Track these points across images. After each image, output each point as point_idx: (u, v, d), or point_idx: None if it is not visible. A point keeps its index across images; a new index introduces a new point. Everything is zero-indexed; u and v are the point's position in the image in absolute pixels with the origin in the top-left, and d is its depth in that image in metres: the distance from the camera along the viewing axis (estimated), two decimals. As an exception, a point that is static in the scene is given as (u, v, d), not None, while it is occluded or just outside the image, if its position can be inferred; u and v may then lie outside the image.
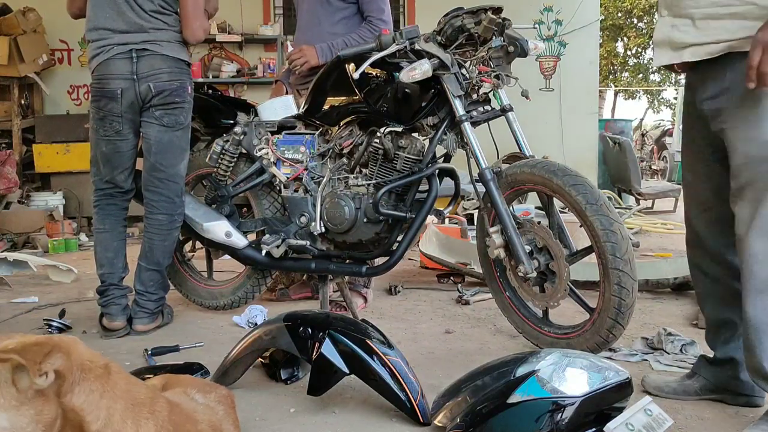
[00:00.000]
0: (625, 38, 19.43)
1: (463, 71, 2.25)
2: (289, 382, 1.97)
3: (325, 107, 2.62)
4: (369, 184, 2.46)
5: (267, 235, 2.65)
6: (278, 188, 2.71)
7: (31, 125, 6.11)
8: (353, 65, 2.34)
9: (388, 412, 1.72)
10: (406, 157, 2.38)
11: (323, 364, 1.71)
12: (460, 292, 3.08)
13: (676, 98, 14.56)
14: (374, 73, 2.40)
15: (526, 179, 2.18)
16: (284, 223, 2.67)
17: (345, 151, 2.57)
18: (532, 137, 2.38)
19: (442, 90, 2.26)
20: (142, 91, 2.48)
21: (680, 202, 7.19)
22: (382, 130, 2.39)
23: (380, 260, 2.51)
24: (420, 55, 2.24)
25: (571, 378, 1.49)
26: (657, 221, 6.02)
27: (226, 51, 6.77)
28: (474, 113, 2.30)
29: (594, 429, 1.47)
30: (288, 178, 2.64)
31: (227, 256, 2.88)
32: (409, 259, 4.02)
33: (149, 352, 2.24)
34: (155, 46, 2.48)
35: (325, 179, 2.56)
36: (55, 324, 2.56)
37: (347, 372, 1.70)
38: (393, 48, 2.23)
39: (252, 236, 2.78)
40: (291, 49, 3.04)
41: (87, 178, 2.85)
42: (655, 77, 19.75)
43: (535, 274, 2.14)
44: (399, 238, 2.42)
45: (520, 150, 2.35)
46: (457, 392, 1.64)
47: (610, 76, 19.78)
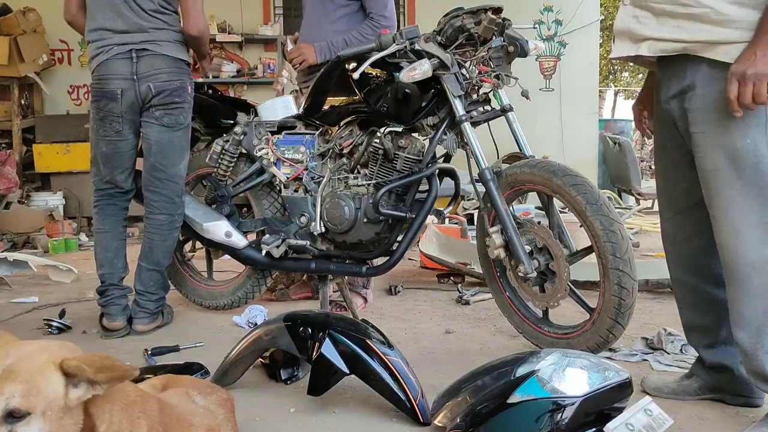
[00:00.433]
0: (625, 38, 19.43)
1: (463, 71, 2.25)
2: (289, 382, 1.97)
3: (325, 107, 2.62)
4: (369, 184, 2.46)
5: (267, 235, 2.65)
6: (278, 188, 2.72)
7: (31, 125, 6.11)
8: (353, 65, 2.34)
9: (388, 412, 1.72)
10: (406, 157, 2.37)
11: (323, 364, 1.71)
12: (460, 292, 3.08)
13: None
14: (374, 73, 2.40)
15: (526, 179, 2.18)
16: (284, 223, 2.67)
17: (345, 151, 2.57)
18: (532, 137, 2.38)
19: (442, 90, 2.26)
20: (142, 91, 2.48)
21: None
22: (382, 130, 2.39)
23: (380, 260, 2.51)
24: (420, 55, 2.24)
25: (571, 378, 1.49)
26: (657, 221, 6.01)
27: (226, 51, 6.77)
28: (474, 113, 2.29)
29: (594, 429, 1.47)
30: (288, 178, 2.64)
31: (227, 256, 2.89)
32: (409, 259, 4.02)
33: (149, 352, 2.24)
34: (155, 45, 2.48)
35: (325, 179, 2.56)
36: (55, 324, 2.56)
37: (347, 372, 1.70)
38: (393, 48, 2.23)
39: (252, 236, 2.78)
40: (291, 47, 3.03)
41: (87, 178, 2.85)
42: (655, 77, 19.74)
43: (535, 274, 2.14)
44: (399, 238, 2.42)
45: (520, 150, 2.35)
46: (457, 392, 1.64)
47: (610, 76, 19.77)
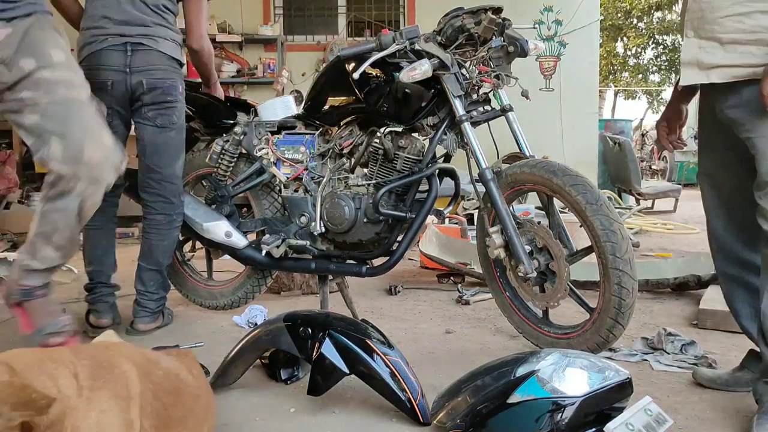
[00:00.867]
0: (624, 38, 19.45)
1: (463, 71, 2.25)
2: (289, 382, 1.97)
3: (325, 107, 2.62)
4: (369, 184, 2.46)
5: (267, 235, 2.65)
6: (278, 188, 2.71)
7: (31, 125, 6.10)
8: (353, 65, 2.34)
9: (388, 412, 1.72)
10: (406, 157, 2.37)
11: (323, 364, 1.71)
12: (460, 292, 3.08)
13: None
14: (374, 73, 2.40)
15: (526, 179, 2.18)
16: (284, 223, 2.67)
17: (345, 151, 2.57)
18: (532, 137, 2.38)
19: (442, 90, 2.26)
20: (134, 85, 2.42)
21: (680, 202, 7.22)
22: (382, 130, 2.39)
23: (380, 260, 2.51)
24: (420, 55, 2.24)
25: (571, 378, 1.49)
26: (657, 221, 6.02)
27: (226, 51, 6.78)
28: (474, 113, 2.29)
29: (594, 429, 1.47)
30: (288, 178, 2.64)
31: (227, 256, 2.89)
32: (409, 259, 4.02)
33: (149, 352, 2.24)
34: (151, 41, 2.42)
35: (325, 179, 2.56)
36: (55, 324, 2.55)
37: (347, 372, 1.70)
38: (393, 48, 2.23)
39: (252, 236, 2.78)
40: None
41: None
42: (655, 77, 19.78)
43: (535, 274, 2.14)
44: (399, 238, 2.42)
45: (520, 150, 2.35)
46: (457, 392, 1.64)
47: (610, 76, 19.79)
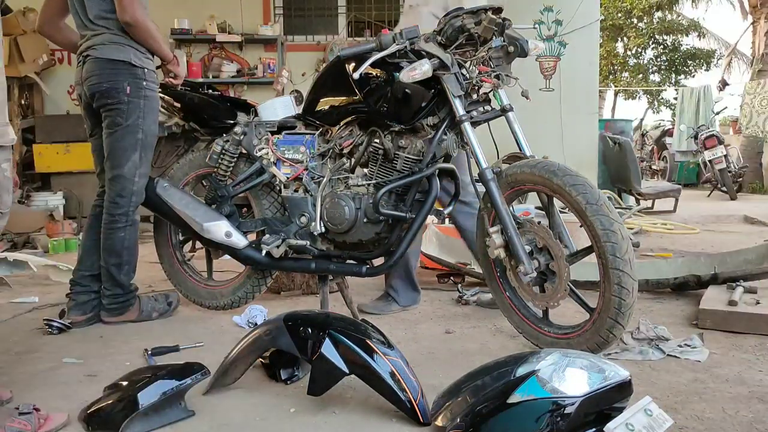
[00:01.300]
0: (625, 38, 19.44)
1: (463, 71, 2.25)
2: (289, 382, 1.97)
3: (325, 107, 2.62)
4: (369, 184, 2.46)
5: (267, 235, 2.65)
6: (278, 188, 2.71)
7: (31, 125, 6.11)
8: (353, 65, 2.34)
9: (388, 412, 1.72)
10: (406, 157, 2.37)
11: (323, 364, 1.71)
12: (460, 292, 3.08)
13: (676, 98, 14.54)
14: (374, 73, 2.40)
15: (526, 179, 2.18)
16: (284, 223, 2.67)
17: (345, 151, 2.57)
18: (532, 137, 2.38)
19: (442, 90, 2.26)
20: (86, 95, 2.61)
21: (680, 202, 7.22)
22: (382, 130, 2.39)
23: (380, 260, 2.51)
24: (420, 55, 2.24)
25: (571, 378, 1.49)
26: (657, 221, 6.02)
27: (226, 51, 6.78)
28: (474, 113, 2.29)
29: (594, 429, 1.47)
30: (288, 178, 2.64)
31: (227, 256, 2.89)
32: (409, 259, 4.02)
33: (149, 353, 2.24)
34: (93, 50, 2.57)
35: (325, 179, 2.56)
36: (55, 324, 2.56)
37: (347, 372, 1.70)
38: (393, 48, 2.23)
39: (252, 236, 2.78)
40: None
41: (87, 178, 2.92)
42: (655, 77, 19.76)
43: (535, 274, 2.14)
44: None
45: (520, 150, 2.35)
46: (457, 392, 1.64)
47: (610, 76, 19.77)
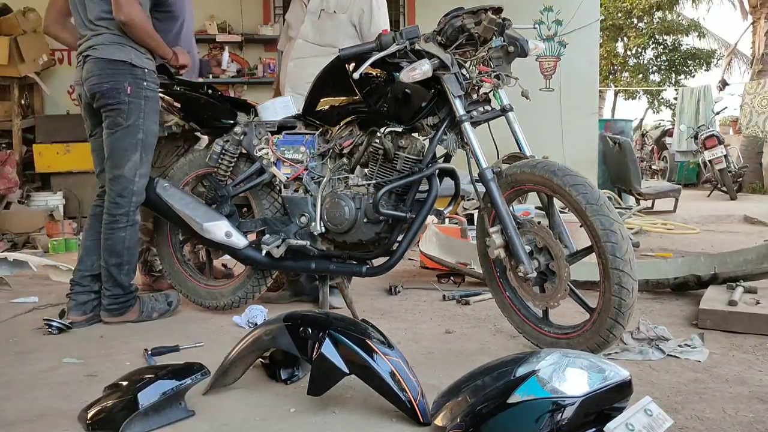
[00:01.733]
0: (625, 38, 19.43)
1: (463, 71, 2.25)
2: (289, 382, 1.97)
3: (325, 107, 2.62)
4: (369, 184, 2.46)
5: (267, 235, 2.65)
6: (278, 188, 2.71)
7: (31, 125, 6.11)
8: (353, 65, 2.34)
9: (388, 412, 1.72)
10: (406, 157, 2.37)
11: (323, 364, 1.71)
12: (446, 299, 3.07)
13: (676, 98, 14.54)
14: (374, 73, 2.40)
15: (526, 179, 2.18)
16: (284, 223, 2.67)
17: (345, 151, 2.57)
18: (532, 137, 2.37)
19: (442, 90, 2.26)
20: (87, 95, 2.63)
21: (680, 202, 7.22)
22: (382, 130, 2.39)
23: (380, 260, 2.51)
24: (420, 55, 2.24)
25: (571, 378, 1.49)
26: (657, 221, 6.02)
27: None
28: (474, 113, 2.29)
29: (594, 429, 1.47)
30: (288, 178, 2.64)
31: (227, 256, 2.89)
32: (409, 259, 4.02)
33: (149, 353, 2.24)
34: (93, 50, 2.58)
35: (325, 179, 2.56)
36: (55, 324, 2.56)
37: (347, 372, 1.70)
38: (393, 48, 2.23)
39: (252, 236, 2.78)
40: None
41: (87, 178, 2.93)
42: (655, 77, 19.76)
43: (535, 274, 2.14)
44: (399, 238, 2.42)
45: (520, 150, 2.35)
46: (457, 392, 1.64)
47: (610, 76, 19.77)
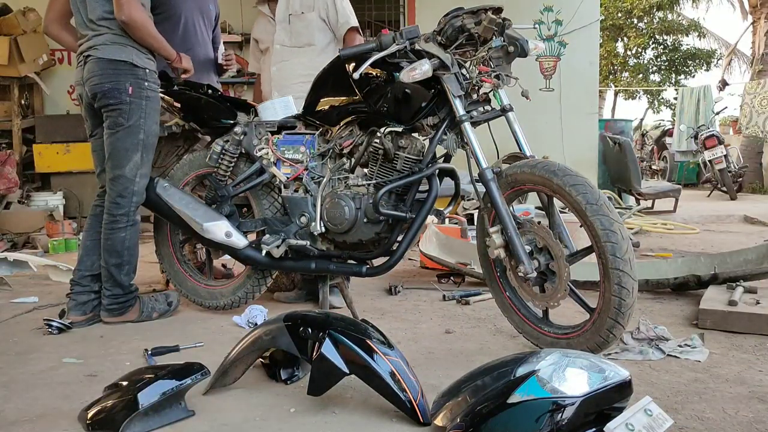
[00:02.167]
0: (625, 38, 19.43)
1: (463, 71, 2.25)
2: (289, 382, 1.97)
3: (325, 107, 2.62)
4: (369, 184, 2.46)
5: (267, 235, 2.65)
6: (278, 188, 2.72)
7: (31, 125, 6.11)
8: (353, 65, 2.34)
9: (388, 412, 1.72)
10: (406, 157, 2.37)
11: (323, 364, 1.71)
12: (446, 299, 3.08)
13: (676, 98, 14.54)
14: (374, 73, 2.40)
15: (526, 179, 2.18)
16: (284, 223, 2.67)
17: (345, 151, 2.57)
18: (532, 137, 2.38)
19: (442, 90, 2.26)
20: (88, 95, 2.63)
21: (680, 202, 7.22)
22: (382, 130, 2.40)
23: (380, 260, 2.51)
24: (420, 55, 2.24)
25: (571, 378, 1.49)
26: (657, 221, 6.02)
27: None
28: (474, 113, 2.29)
29: (594, 429, 1.47)
30: (288, 178, 2.64)
31: (227, 256, 2.89)
32: (409, 259, 4.02)
33: (149, 353, 2.24)
34: (94, 50, 2.58)
35: (325, 179, 2.56)
36: (55, 324, 2.56)
37: (347, 372, 1.70)
38: (393, 48, 2.23)
39: (252, 236, 2.78)
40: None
41: (87, 178, 2.92)
42: (655, 77, 19.76)
43: (535, 274, 2.14)
44: (399, 238, 2.42)
45: (520, 150, 2.35)
46: (457, 392, 1.64)
47: (610, 76, 19.77)
